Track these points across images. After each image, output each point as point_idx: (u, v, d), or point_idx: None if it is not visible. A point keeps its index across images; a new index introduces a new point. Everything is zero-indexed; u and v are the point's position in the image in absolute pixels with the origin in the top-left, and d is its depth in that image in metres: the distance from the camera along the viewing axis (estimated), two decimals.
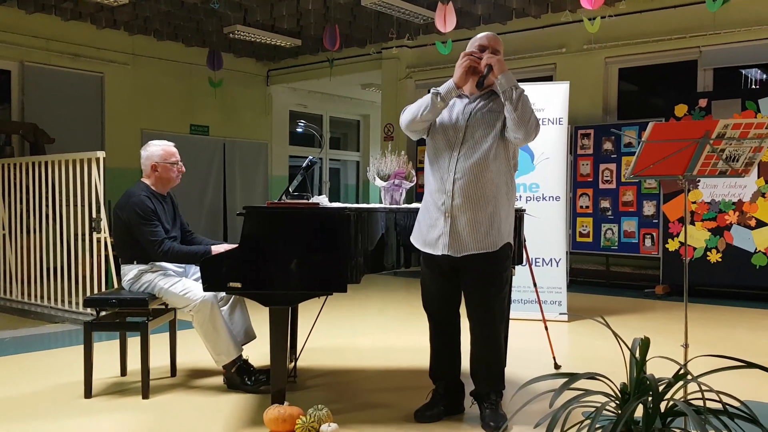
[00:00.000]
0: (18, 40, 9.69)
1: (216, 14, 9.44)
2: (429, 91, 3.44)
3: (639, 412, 2.11)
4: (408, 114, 3.48)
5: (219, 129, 12.48)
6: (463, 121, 3.39)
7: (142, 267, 4.12)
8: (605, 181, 8.89)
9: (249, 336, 4.30)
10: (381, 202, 4.12)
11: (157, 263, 4.14)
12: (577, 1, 7.85)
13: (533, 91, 6.66)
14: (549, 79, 9.86)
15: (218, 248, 4.03)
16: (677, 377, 2.20)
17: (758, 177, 7.58)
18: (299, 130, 14.06)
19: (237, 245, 3.43)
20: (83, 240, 6.31)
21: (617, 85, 9.66)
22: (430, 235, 3.42)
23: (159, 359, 4.53)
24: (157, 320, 4.11)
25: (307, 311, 4.53)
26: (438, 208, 3.38)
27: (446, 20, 8.00)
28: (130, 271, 4.14)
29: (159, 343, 4.61)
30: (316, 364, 4.74)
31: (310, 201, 3.62)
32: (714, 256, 7.82)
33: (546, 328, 4.90)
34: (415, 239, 3.54)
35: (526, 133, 3.26)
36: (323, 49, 10.95)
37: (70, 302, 6.44)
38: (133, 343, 4.14)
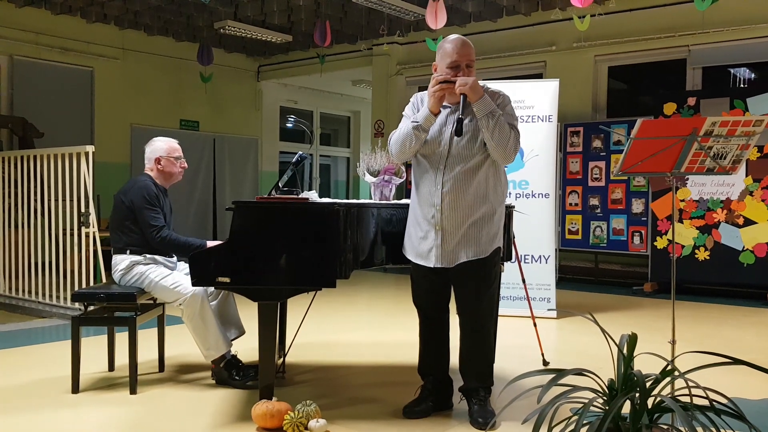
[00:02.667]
0: (7, 33, 9.63)
1: (207, 9, 9.41)
2: (410, 114, 3.44)
3: (626, 408, 2.11)
4: (395, 147, 3.48)
5: (209, 124, 12.44)
6: (447, 134, 3.39)
7: (135, 258, 4.11)
8: (594, 178, 8.92)
9: (239, 331, 4.30)
10: (371, 198, 4.12)
11: (149, 256, 4.13)
12: None
13: (523, 89, 6.73)
14: (539, 76, 9.87)
15: (213, 244, 4.01)
16: (664, 373, 2.20)
17: (746, 175, 7.62)
18: (289, 125, 14.04)
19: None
20: (72, 234, 6.28)
21: (607, 83, 9.69)
22: (421, 247, 3.43)
23: (147, 354, 4.52)
24: (146, 315, 4.10)
25: (296, 306, 4.53)
26: (428, 221, 3.40)
27: (437, 17, 8.00)
28: (121, 262, 4.12)
29: (147, 338, 4.60)
30: (305, 359, 4.74)
31: (300, 196, 3.62)
32: (702, 254, 7.86)
33: (535, 325, 4.91)
34: (408, 251, 3.54)
35: (505, 157, 3.31)
36: (314, 45, 10.93)
37: (58, 297, 6.41)
38: (122, 338, 4.13)
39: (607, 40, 9.28)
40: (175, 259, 4.35)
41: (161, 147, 4.31)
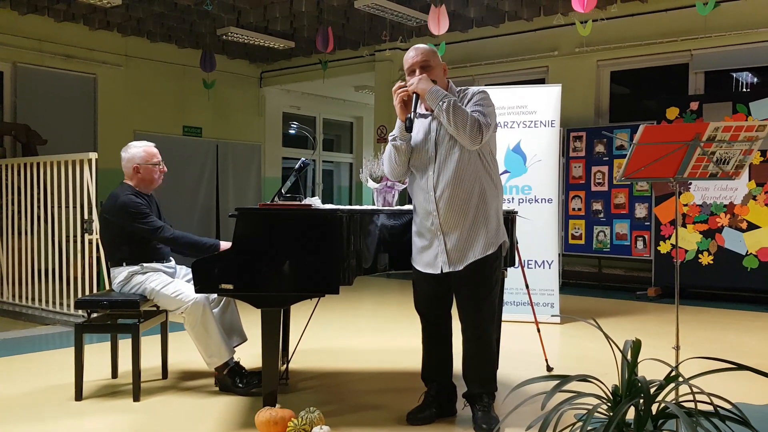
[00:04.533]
0: (11, 41, 9.65)
1: (209, 16, 9.42)
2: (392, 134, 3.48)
3: (631, 414, 2.11)
4: (385, 165, 3.55)
5: (212, 130, 12.45)
6: (431, 140, 3.42)
7: (132, 268, 4.10)
8: (597, 183, 8.91)
9: (242, 338, 4.29)
10: (374, 204, 4.12)
11: (146, 265, 4.12)
12: (569, 4, 7.87)
13: (525, 94, 6.73)
14: (541, 81, 9.88)
15: (226, 245, 3.95)
16: (668, 379, 2.20)
17: (749, 180, 7.61)
18: (292, 131, 14.06)
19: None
20: (75, 241, 6.29)
21: (609, 88, 9.69)
22: (427, 256, 3.45)
23: (150, 361, 4.52)
24: (149, 322, 4.10)
25: (299, 313, 4.53)
26: (429, 229, 3.41)
27: (439, 23, 8.02)
28: (120, 274, 4.12)
29: (150, 344, 4.60)
30: (308, 366, 4.74)
31: (303, 202, 3.62)
32: (705, 259, 7.84)
33: (538, 330, 4.91)
34: (416, 262, 3.55)
35: (470, 138, 3.25)
36: (316, 51, 10.94)
37: (61, 304, 6.41)
38: (125, 345, 4.13)
39: (610, 44, 9.28)
40: (173, 263, 4.34)
41: (138, 155, 4.25)
